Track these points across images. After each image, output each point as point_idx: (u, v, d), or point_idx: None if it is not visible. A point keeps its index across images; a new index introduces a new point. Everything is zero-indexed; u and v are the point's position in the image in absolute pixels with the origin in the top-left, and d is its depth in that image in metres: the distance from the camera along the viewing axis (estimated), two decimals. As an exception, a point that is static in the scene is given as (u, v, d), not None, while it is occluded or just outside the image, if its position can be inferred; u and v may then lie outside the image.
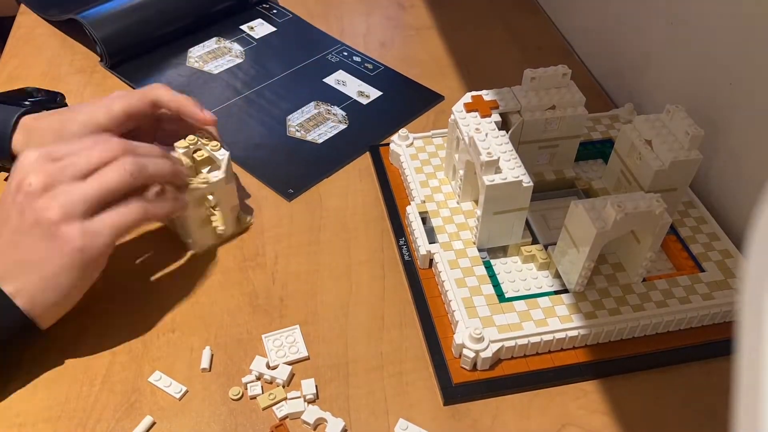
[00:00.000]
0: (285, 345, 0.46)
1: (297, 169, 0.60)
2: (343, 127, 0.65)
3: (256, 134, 0.64)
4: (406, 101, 0.69)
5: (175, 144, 0.49)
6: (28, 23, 0.78)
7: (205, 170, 0.50)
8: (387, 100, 0.69)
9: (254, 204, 0.57)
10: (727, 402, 0.43)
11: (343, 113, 0.66)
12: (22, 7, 0.80)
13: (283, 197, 0.57)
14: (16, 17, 0.79)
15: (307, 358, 0.45)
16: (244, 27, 0.78)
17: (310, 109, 0.67)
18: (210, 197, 0.50)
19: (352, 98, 0.68)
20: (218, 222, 0.52)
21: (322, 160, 0.61)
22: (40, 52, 0.73)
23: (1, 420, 0.41)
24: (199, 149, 0.50)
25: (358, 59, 0.74)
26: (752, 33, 0.49)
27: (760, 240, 0.15)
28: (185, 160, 0.49)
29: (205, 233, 0.52)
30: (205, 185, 0.49)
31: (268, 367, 0.44)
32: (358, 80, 0.71)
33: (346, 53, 0.75)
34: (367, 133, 0.64)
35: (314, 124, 0.65)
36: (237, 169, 0.60)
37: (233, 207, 0.52)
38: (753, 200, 0.52)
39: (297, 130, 0.64)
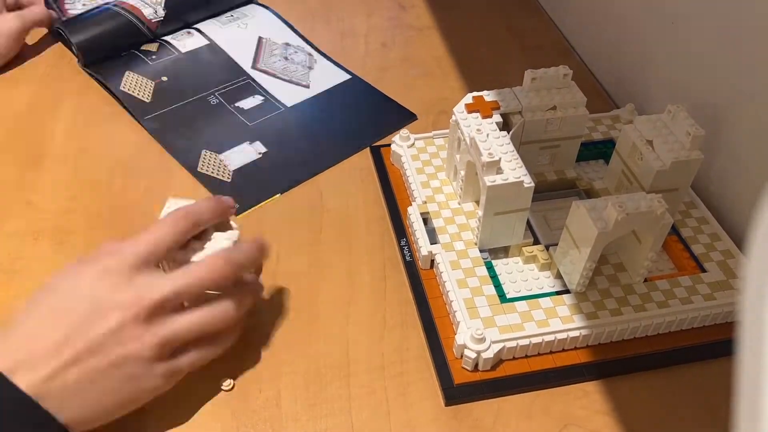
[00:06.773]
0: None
1: None
2: None
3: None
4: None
5: None
6: (29, 24, 0.78)
7: None
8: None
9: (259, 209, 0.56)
10: (728, 402, 0.43)
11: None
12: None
13: None
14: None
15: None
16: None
17: None
18: None
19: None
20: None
21: None
22: (41, 52, 0.73)
23: (3, 421, 0.41)
24: None
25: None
26: (753, 33, 0.49)
27: (761, 240, 0.15)
28: None
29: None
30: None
31: None
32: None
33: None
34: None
35: None
36: None
37: None
38: (754, 200, 0.52)
39: None
